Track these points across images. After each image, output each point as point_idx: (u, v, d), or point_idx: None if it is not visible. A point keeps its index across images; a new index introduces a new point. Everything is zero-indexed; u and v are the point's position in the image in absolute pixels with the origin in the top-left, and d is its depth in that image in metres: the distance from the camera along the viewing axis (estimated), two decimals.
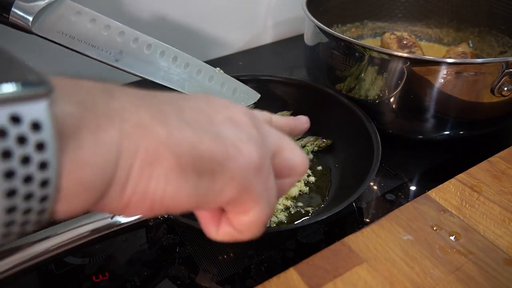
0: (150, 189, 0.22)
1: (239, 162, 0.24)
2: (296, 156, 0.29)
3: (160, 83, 0.46)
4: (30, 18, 0.40)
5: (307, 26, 0.68)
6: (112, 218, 0.43)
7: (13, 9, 0.39)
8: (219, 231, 0.28)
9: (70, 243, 0.39)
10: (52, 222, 0.51)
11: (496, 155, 0.54)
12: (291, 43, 1.00)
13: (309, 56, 0.70)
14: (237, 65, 0.92)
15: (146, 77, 0.40)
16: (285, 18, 0.99)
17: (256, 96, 0.56)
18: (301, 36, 0.74)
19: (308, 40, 0.69)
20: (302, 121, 0.38)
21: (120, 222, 0.43)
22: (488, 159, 0.53)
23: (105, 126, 0.20)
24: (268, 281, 0.38)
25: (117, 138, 0.20)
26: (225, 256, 0.48)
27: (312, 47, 0.67)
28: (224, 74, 0.53)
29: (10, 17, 0.39)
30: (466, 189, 0.48)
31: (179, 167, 0.22)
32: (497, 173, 0.51)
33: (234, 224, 0.27)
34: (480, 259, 0.40)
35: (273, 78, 0.67)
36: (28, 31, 0.41)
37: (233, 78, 0.53)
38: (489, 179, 0.49)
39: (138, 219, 0.44)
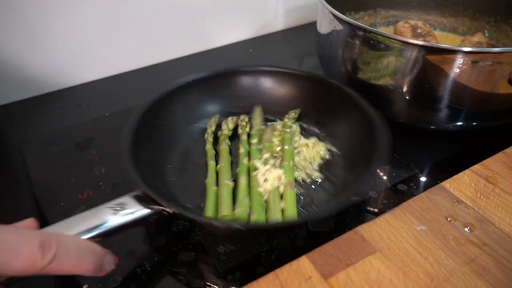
0: None
1: None
2: None
3: None
4: None
5: (320, 13, 0.67)
6: (115, 214, 0.41)
7: None
8: None
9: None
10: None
11: None
12: (302, 31, 0.99)
13: (322, 44, 0.69)
14: (247, 52, 0.91)
15: None
16: (296, 5, 0.97)
17: None
18: (312, 24, 0.73)
19: (321, 27, 0.67)
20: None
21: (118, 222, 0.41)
22: (504, 150, 0.52)
23: None
24: (280, 269, 0.38)
25: None
26: (236, 244, 0.47)
27: (325, 34, 0.66)
28: None
29: None
30: (481, 181, 0.48)
31: None
32: None
33: None
34: (495, 251, 0.40)
35: (279, 69, 0.65)
36: None
37: None
38: (505, 171, 0.49)
39: (139, 216, 0.42)
